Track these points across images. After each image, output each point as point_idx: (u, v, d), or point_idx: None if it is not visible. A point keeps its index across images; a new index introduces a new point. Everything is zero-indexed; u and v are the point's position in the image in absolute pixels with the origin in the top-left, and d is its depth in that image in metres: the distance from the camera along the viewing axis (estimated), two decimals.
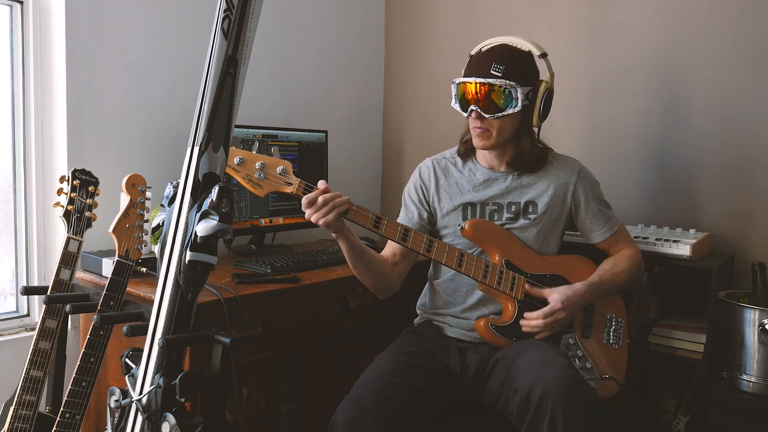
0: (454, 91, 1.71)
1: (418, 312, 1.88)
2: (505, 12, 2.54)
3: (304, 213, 1.53)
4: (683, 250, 1.89)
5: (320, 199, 1.51)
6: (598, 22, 2.33)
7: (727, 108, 2.09)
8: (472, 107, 1.66)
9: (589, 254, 1.83)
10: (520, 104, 1.64)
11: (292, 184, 1.52)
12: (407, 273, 1.80)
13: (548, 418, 1.39)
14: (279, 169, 1.52)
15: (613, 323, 1.79)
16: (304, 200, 1.52)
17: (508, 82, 1.62)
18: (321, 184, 1.54)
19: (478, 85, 1.65)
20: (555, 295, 1.64)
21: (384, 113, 2.96)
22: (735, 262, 2.06)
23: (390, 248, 1.78)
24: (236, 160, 1.47)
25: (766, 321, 1.72)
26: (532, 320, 1.63)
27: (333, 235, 1.59)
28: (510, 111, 1.64)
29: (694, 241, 1.90)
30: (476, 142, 1.72)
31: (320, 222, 1.52)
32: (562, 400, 1.39)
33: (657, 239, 1.94)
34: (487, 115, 1.65)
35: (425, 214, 1.80)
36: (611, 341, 1.77)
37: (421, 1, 2.80)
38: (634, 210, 2.26)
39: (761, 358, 1.75)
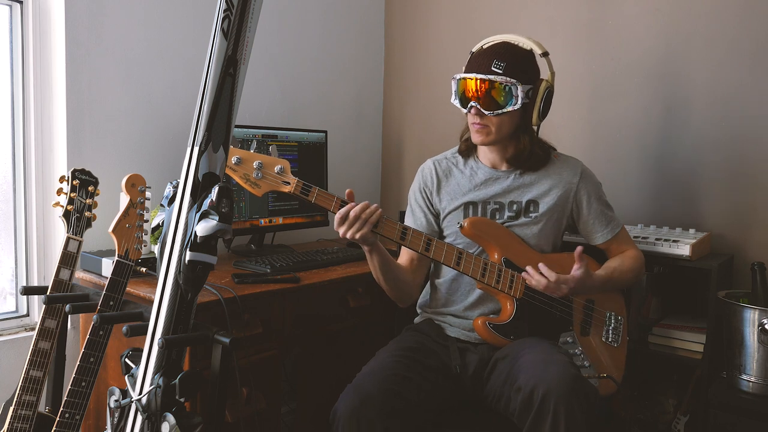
0: (454, 87, 1.71)
1: (419, 311, 1.88)
2: (505, 12, 2.55)
3: (338, 231, 1.54)
4: (683, 250, 1.89)
5: (352, 213, 1.52)
6: (598, 22, 2.33)
7: (726, 108, 2.09)
8: (472, 103, 1.66)
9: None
10: (519, 102, 1.64)
11: (289, 183, 1.52)
12: (423, 280, 1.83)
13: (551, 417, 1.39)
14: (277, 168, 1.52)
15: (613, 321, 1.79)
16: (337, 217, 1.53)
17: (508, 79, 1.63)
18: (348, 193, 1.55)
19: (478, 81, 1.65)
20: (579, 272, 1.62)
21: (384, 113, 2.96)
22: (735, 262, 2.06)
23: (407, 255, 1.79)
24: (234, 159, 1.47)
25: (765, 321, 1.72)
26: (538, 275, 1.62)
27: (364, 248, 1.60)
28: (510, 108, 1.65)
29: (693, 241, 1.90)
30: (475, 137, 1.72)
31: (356, 237, 1.53)
32: (565, 399, 1.39)
33: (657, 239, 1.94)
34: (486, 112, 1.66)
35: (432, 218, 1.81)
36: (610, 339, 1.77)
37: (421, 1, 2.80)
38: (634, 210, 2.26)
39: (761, 358, 1.75)
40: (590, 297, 1.76)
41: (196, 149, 1.15)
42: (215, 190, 1.12)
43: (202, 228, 1.10)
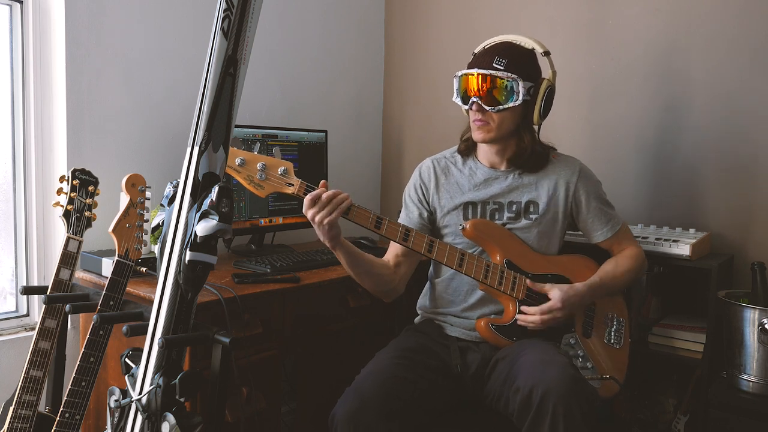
0: (456, 85, 1.71)
1: (419, 312, 1.88)
2: (505, 12, 2.55)
3: (307, 213, 1.52)
4: (683, 249, 1.89)
5: (324, 196, 1.51)
6: (598, 22, 2.33)
7: (726, 108, 2.09)
8: (474, 99, 1.66)
9: (592, 254, 1.83)
10: (521, 98, 1.64)
11: (293, 184, 1.52)
12: (411, 274, 1.80)
13: (549, 417, 1.39)
14: (280, 170, 1.52)
15: (615, 323, 1.79)
16: (307, 198, 1.51)
17: (509, 75, 1.63)
18: (322, 184, 1.54)
19: (479, 77, 1.65)
20: (556, 293, 1.63)
21: (384, 113, 2.96)
22: (735, 261, 2.06)
23: (392, 251, 1.78)
24: (237, 161, 1.48)
25: (765, 321, 1.72)
26: (529, 316, 1.63)
27: (329, 244, 1.58)
28: (511, 104, 1.65)
29: (693, 240, 1.90)
30: (476, 135, 1.72)
31: (325, 221, 1.51)
32: (564, 399, 1.39)
33: (657, 239, 1.94)
34: (488, 108, 1.66)
35: (426, 214, 1.80)
36: (612, 341, 1.77)
37: (421, 1, 2.80)
38: (634, 210, 2.26)
39: (761, 358, 1.75)
40: None
41: (196, 149, 1.15)
42: (215, 189, 1.12)
43: (202, 228, 1.10)
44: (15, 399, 1.56)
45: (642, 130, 2.25)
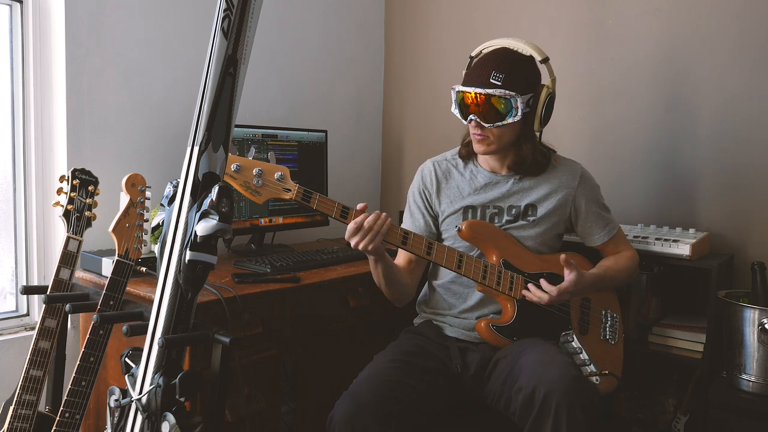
0: (453, 97, 1.71)
1: (418, 311, 1.88)
2: (505, 12, 2.55)
3: (350, 240, 1.53)
4: (683, 249, 1.89)
5: (366, 224, 1.51)
6: (598, 22, 2.33)
7: (727, 108, 2.09)
8: (472, 117, 1.66)
9: (585, 253, 1.83)
10: (520, 113, 1.64)
11: (290, 190, 1.51)
12: (420, 278, 1.83)
13: (552, 417, 1.39)
14: (277, 175, 1.51)
15: (609, 319, 1.80)
16: (351, 227, 1.52)
17: (507, 92, 1.62)
18: (362, 206, 1.54)
19: (477, 95, 1.64)
20: (573, 276, 1.62)
21: (384, 113, 2.96)
22: (735, 261, 2.06)
23: (404, 257, 1.79)
24: (233, 167, 1.46)
25: (765, 320, 1.72)
26: (540, 292, 1.61)
27: (370, 258, 1.60)
28: (510, 120, 1.64)
29: (693, 240, 1.90)
30: (477, 147, 1.73)
31: (369, 248, 1.52)
32: (566, 399, 1.39)
33: (657, 239, 1.94)
34: (486, 125, 1.66)
35: (430, 220, 1.81)
36: (607, 336, 1.78)
37: (421, 1, 2.80)
38: (634, 210, 2.26)
39: (761, 358, 1.75)
40: (586, 296, 1.76)
41: (196, 149, 1.15)
42: (215, 189, 1.12)
43: (202, 227, 1.10)
44: (15, 399, 1.56)
45: (642, 130, 2.25)
